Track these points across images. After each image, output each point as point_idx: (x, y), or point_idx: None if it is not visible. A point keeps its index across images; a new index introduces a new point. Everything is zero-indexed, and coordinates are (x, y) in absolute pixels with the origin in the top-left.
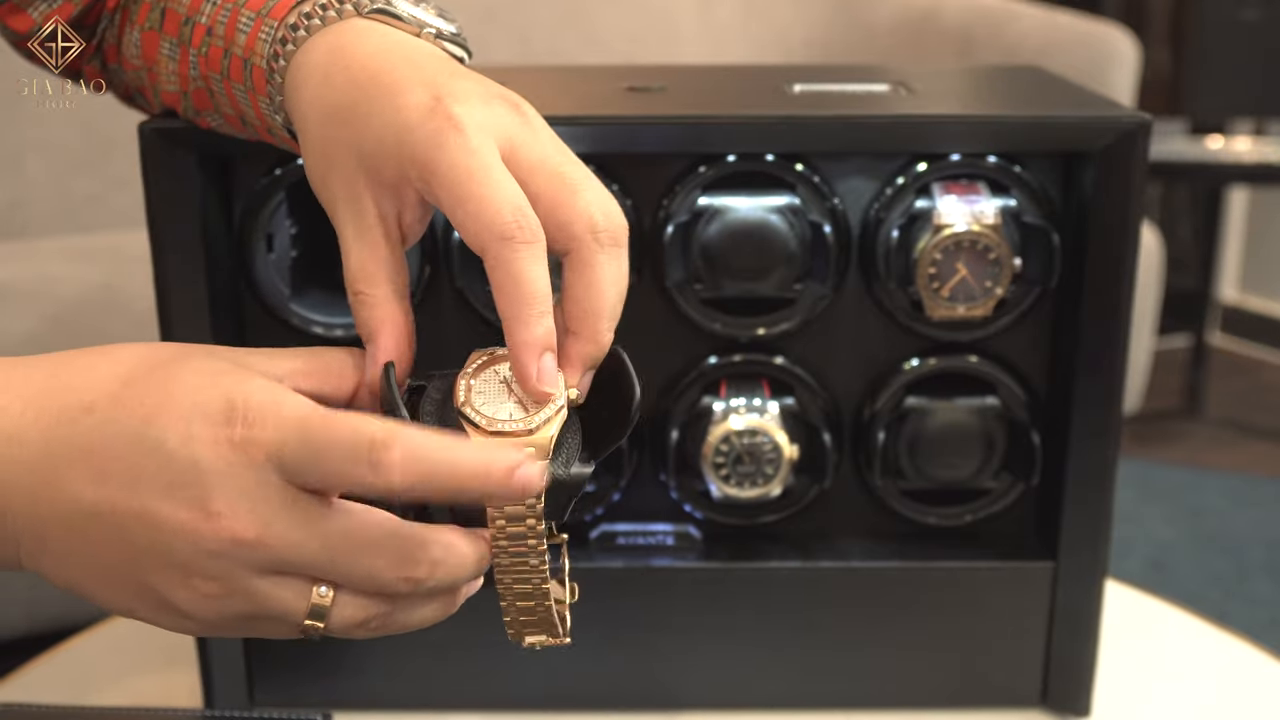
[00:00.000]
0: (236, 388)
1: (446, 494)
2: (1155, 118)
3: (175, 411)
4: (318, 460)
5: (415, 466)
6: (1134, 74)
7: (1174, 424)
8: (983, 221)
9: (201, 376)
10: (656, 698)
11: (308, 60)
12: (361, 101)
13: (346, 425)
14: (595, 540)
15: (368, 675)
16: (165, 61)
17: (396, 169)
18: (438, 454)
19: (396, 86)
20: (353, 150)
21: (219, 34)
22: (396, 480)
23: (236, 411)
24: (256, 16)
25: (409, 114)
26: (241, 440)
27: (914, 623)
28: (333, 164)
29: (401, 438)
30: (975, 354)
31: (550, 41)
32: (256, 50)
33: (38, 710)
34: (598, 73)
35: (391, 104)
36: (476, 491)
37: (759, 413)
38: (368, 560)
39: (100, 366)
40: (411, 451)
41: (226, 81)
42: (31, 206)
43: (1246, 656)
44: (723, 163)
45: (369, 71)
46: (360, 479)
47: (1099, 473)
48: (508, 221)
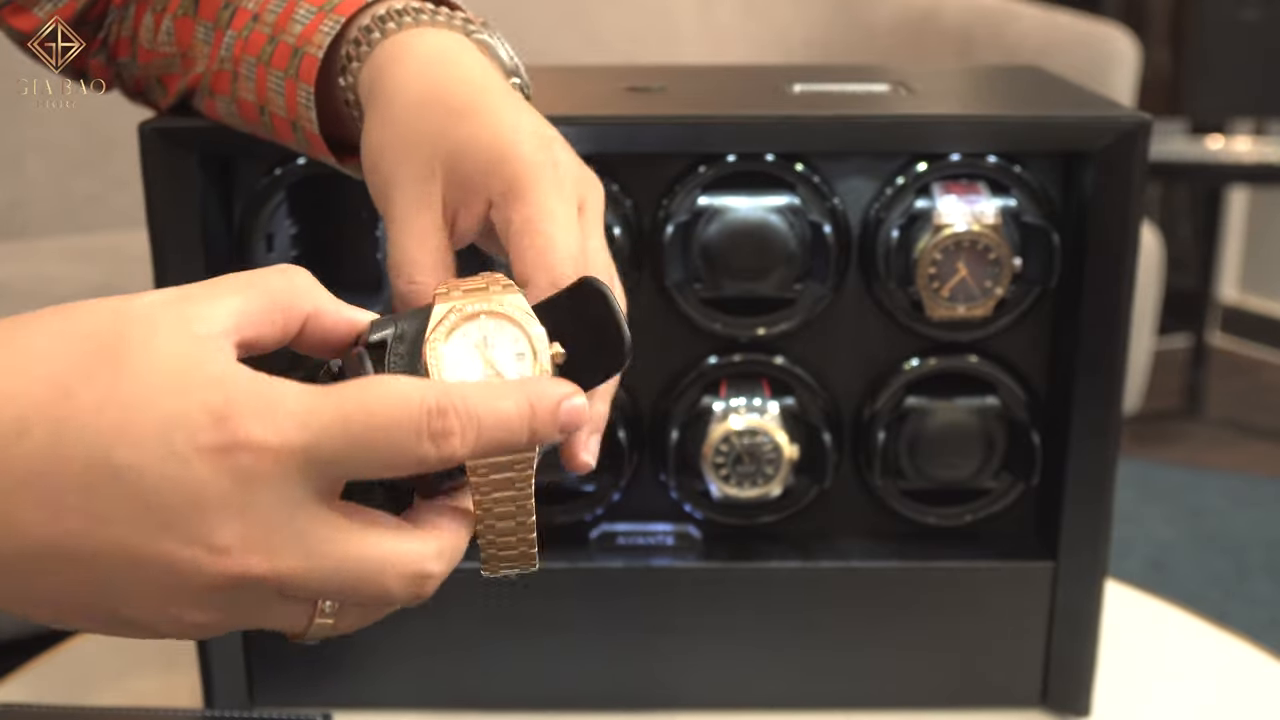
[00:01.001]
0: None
1: (492, 449)
2: (1155, 118)
3: (146, 427)
4: (368, 448)
5: (470, 428)
6: (1134, 74)
7: (1174, 424)
8: (983, 221)
9: (160, 373)
10: (656, 698)
11: (412, 43)
12: (468, 104)
13: (391, 401)
14: (595, 540)
15: (368, 675)
16: (199, 45)
17: (482, 178)
18: (483, 407)
19: (506, 106)
20: (443, 141)
21: (268, 21)
22: (457, 448)
23: (222, 424)
24: (318, 11)
25: (518, 135)
26: (244, 452)
27: (914, 623)
28: (412, 146)
29: (452, 399)
30: (975, 354)
31: (550, 41)
32: (314, 40)
33: (38, 710)
34: (598, 73)
35: (502, 119)
36: (520, 442)
37: (759, 413)
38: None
39: (21, 368)
40: (464, 412)
41: (262, 66)
42: (31, 206)
43: (1246, 656)
44: (723, 163)
45: (479, 82)
46: (421, 456)
47: (1099, 473)
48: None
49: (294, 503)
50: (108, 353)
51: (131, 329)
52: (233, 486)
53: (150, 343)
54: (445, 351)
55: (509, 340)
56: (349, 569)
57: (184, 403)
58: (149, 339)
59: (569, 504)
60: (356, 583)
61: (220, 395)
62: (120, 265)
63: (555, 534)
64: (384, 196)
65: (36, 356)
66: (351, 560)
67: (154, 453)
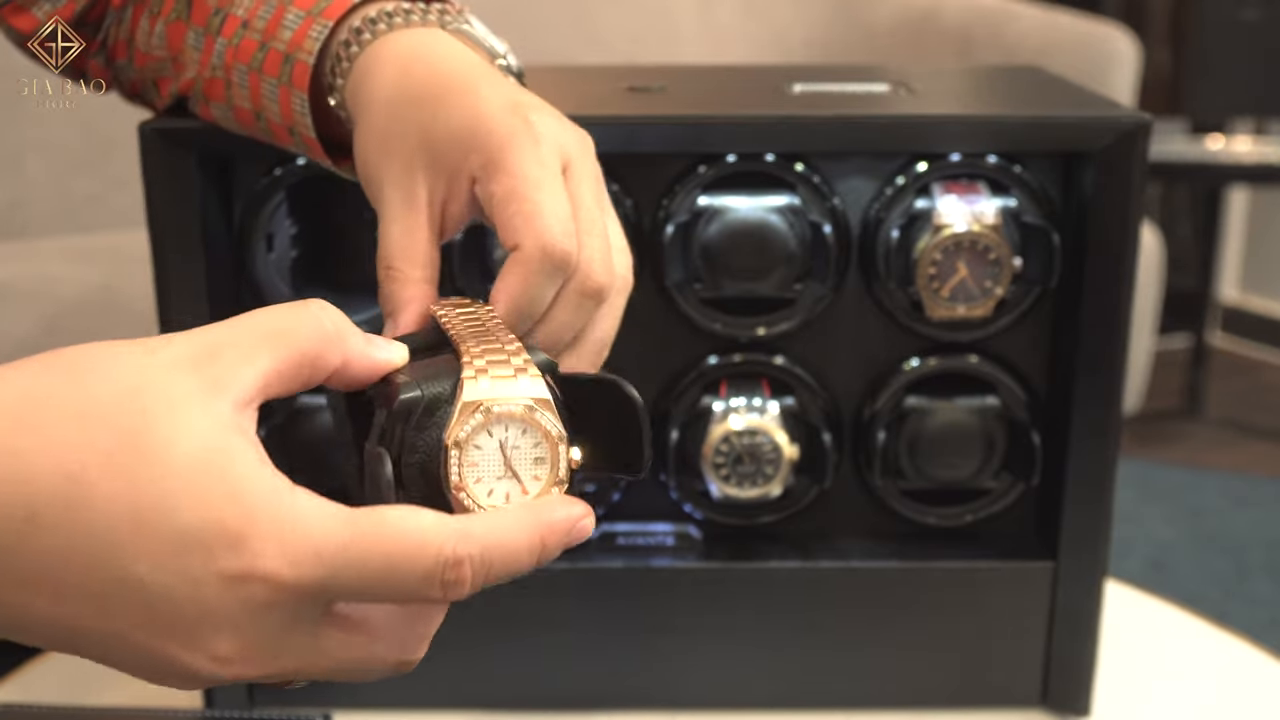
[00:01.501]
0: (233, 505)
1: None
2: (1155, 118)
3: (161, 542)
4: (379, 587)
5: (481, 572)
6: (1134, 74)
7: (1174, 424)
8: (983, 221)
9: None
10: (656, 698)
11: (387, 49)
12: (441, 92)
13: (409, 544)
14: (595, 540)
15: None
16: (190, 51)
17: (460, 157)
18: (497, 550)
19: (479, 85)
20: (420, 133)
21: (257, 28)
22: (464, 593)
23: (238, 550)
24: (306, 15)
25: (488, 108)
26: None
27: (914, 623)
28: (393, 144)
29: (470, 546)
30: (975, 354)
31: (550, 41)
32: (304, 46)
33: (38, 710)
34: (598, 73)
35: (472, 97)
36: (529, 568)
37: (759, 413)
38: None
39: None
40: (479, 559)
41: (254, 74)
42: (31, 206)
43: (1246, 656)
44: (723, 163)
45: (452, 68)
46: (428, 599)
47: (1099, 473)
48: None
49: (295, 622)
50: (128, 440)
51: (154, 410)
52: (241, 610)
53: (173, 432)
54: (467, 455)
55: (530, 444)
56: (341, 667)
57: (202, 518)
58: (173, 425)
59: None
60: (346, 673)
61: (240, 513)
62: (120, 265)
63: None
64: (376, 200)
65: (56, 440)
66: (343, 661)
67: (167, 569)
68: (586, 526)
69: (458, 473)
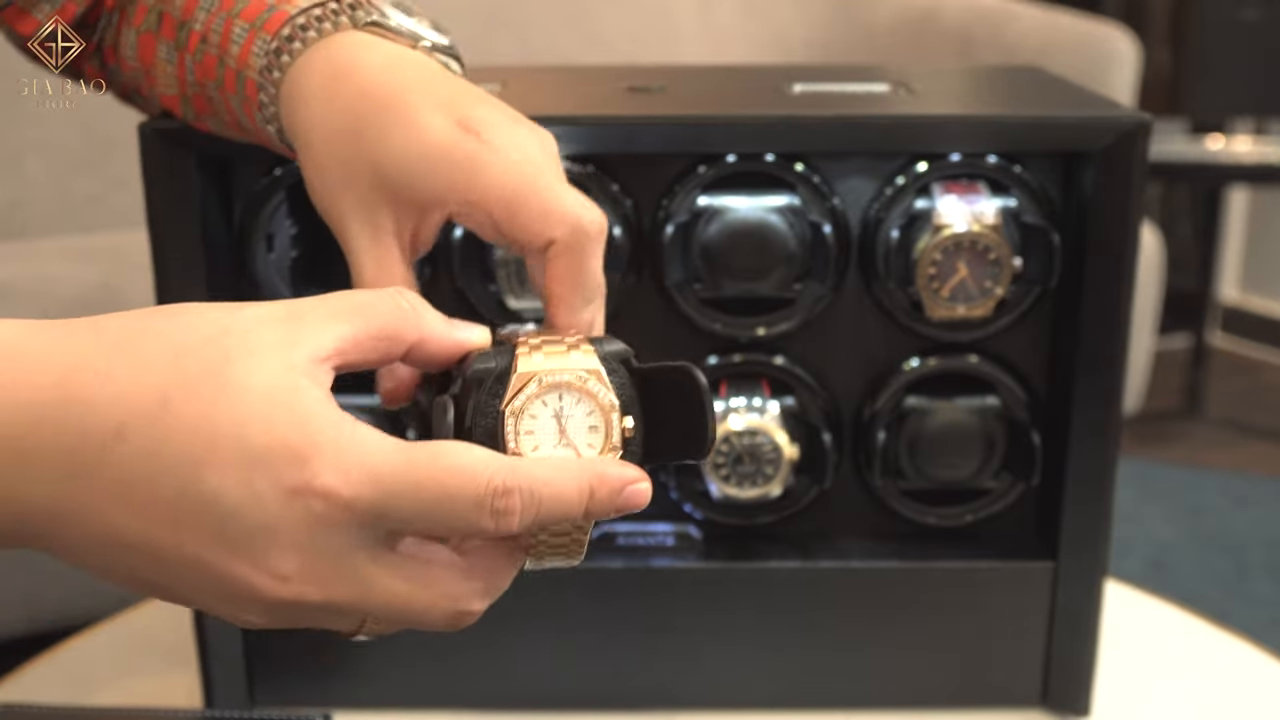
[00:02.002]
0: (299, 432)
1: (547, 523)
2: (1155, 118)
3: (233, 457)
4: (433, 513)
5: (530, 508)
6: (1134, 74)
7: (1174, 424)
8: (983, 221)
9: (254, 407)
10: (656, 698)
11: (305, 77)
12: (373, 124)
13: (460, 473)
14: (595, 540)
15: (368, 675)
16: (162, 65)
17: (426, 191)
18: (546, 489)
19: (410, 110)
20: (369, 170)
21: (213, 42)
22: (514, 525)
23: (301, 469)
24: (250, 29)
25: (432, 138)
26: (317, 498)
27: (914, 623)
28: (343, 182)
29: (519, 479)
30: (975, 354)
31: (551, 41)
32: (250, 64)
33: (38, 710)
34: (598, 73)
35: (409, 128)
36: (575, 518)
37: (759, 413)
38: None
39: (122, 374)
40: (528, 492)
41: (222, 90)
42: (31, 206)
43: (1246, 656)
44: (723, 163)
45: (376, 93)
46: (480, 528)
47: (1099, 473)
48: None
49: (354, 546)
50: (211, 371)
51: (238, 349)
52: (301, 525)
53: (251, 368)
54: (524, 423)
55: (584, 413)
56: (398, 605)
57: (270, 439)
58: (251, 364)
59: None
60: (403, 615)
61: (304, 436)
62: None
63: None
64: (339, 234)
65: (147, 365)
66: (401, 598)
67: (237, 483)
68: (641, 491)
69: (514, 440)
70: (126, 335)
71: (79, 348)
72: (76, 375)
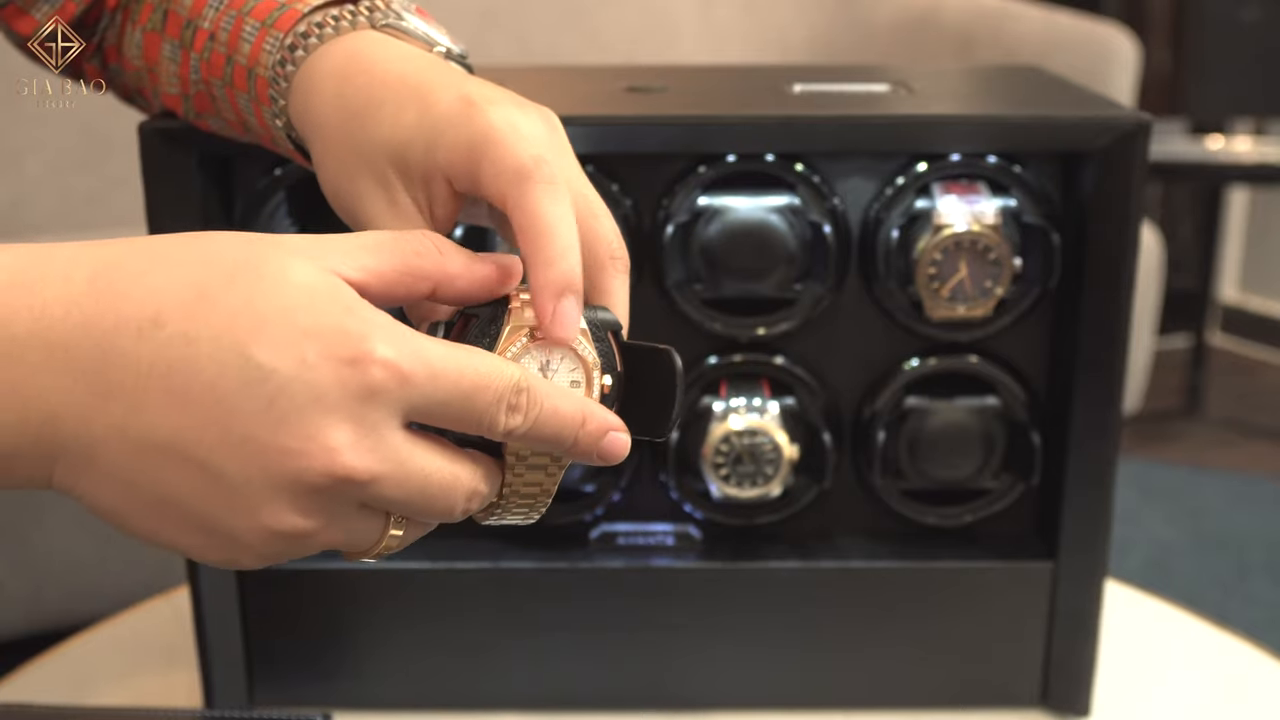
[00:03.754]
0: (347, 315)
1: (540, 438)
2: (1155, 118)
3: (282, 334)
4: (465, 402)
5: (534, 411)
6: (1134, 74)
7: (1174, 424)
8: (983, 221)
9: (297, 294)
10: (656, 698)
11: (322, 65)
12: (389, 101)
13: (491, 368)
14: (595, 540)
15: (368, 675)
16: (166, 64)
17: (428, 165)
18: (549, 401)
19: (425, 88)
20: (381, 148)
21: (222, 40)
22: (520, 424)
23: (356, 342)
24: (261, 27)
25: (442, 111)
26: (367, 372)
27: (914, 623)
28: (358, 163)
29: (531, 382)
30: (975, 354)
31: (550, 42)
32: (261, 61)
33: (38, 710)
34: (598, 73)
35: (422, 104)
36: (566, 441)
37: (759, 413)
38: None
39: (156, 270)
40: (536, 397)
41: (229, 88)
42: (31, 205)
43: (1246, 656)
44: (723, 163)
45: (392, 74)
46: (497, 422)
47: (1099, 473)
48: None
49: (398, 422)
50: (248, 268)
51: (271, 253)
52: (354, 396)
53: (288, 267)
54: None
55: (568, 368)
56: (433, 480)
57: (319, 320)
58: (287, 263)
59: (569, 504)
60: (436, 492)
61: (356, 319)
62: None
63: (555, 534)
64: (356, 223)
65: (178, 262)
66: (434, 473)
67: (288, 356)
68: (621, 441)
69: None
70: (158, 243)
71: (110, 252)
72: (109, 271)
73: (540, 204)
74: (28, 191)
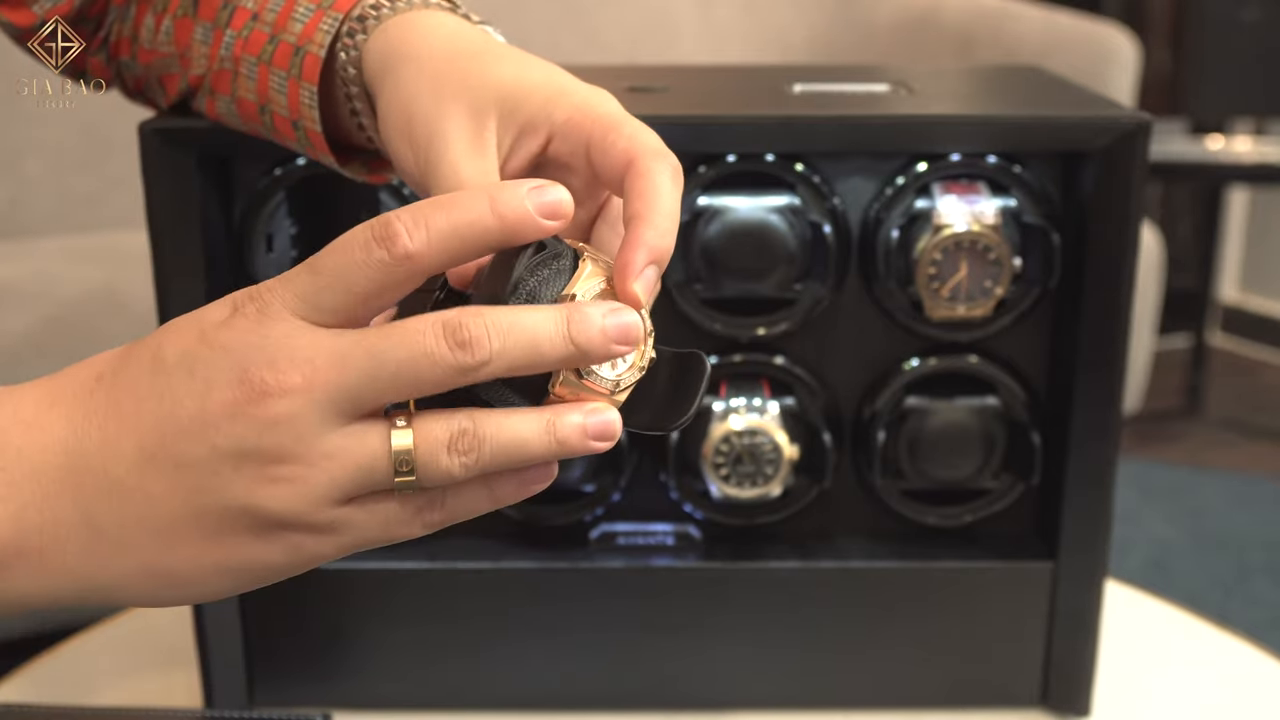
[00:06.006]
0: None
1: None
2: (1155, 118)
3: (177, 329)
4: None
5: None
6: (1134, 74)
7: (1174, 424)
8: (983, 221)
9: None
10: (656, 698)
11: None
12: (510, 57)
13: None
14: (595, 540)
15: (368, 675)
16: (198, 46)
17: (537, 117)
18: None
19: (513, 50)
20: (494, 86)
21: (267, 20)
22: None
23: (240, 298)
24: (317, 8)
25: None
26: (253, 310)
27: (914, 623)
28: (459, 90)
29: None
30: (975, 354)
31: (550, 41)
32: (315, 39)
33: (38, 710)
34: (598, 73)
35: (517, 61)
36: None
37: (759, 413)
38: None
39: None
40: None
41: (264, 66)
42: (31, 206)
43: (1246, 656)
44: (723, 163)
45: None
46: (377, 259)
47: (1099, 473)
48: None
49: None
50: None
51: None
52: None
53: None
54: None
55: None
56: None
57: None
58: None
59: (569, 504)
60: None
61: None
62: (120, 265)
63: (555, 534)
64: (426, 148)
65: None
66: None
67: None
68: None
69: None
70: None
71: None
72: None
73: (668, 182)
74: (28, 191)
